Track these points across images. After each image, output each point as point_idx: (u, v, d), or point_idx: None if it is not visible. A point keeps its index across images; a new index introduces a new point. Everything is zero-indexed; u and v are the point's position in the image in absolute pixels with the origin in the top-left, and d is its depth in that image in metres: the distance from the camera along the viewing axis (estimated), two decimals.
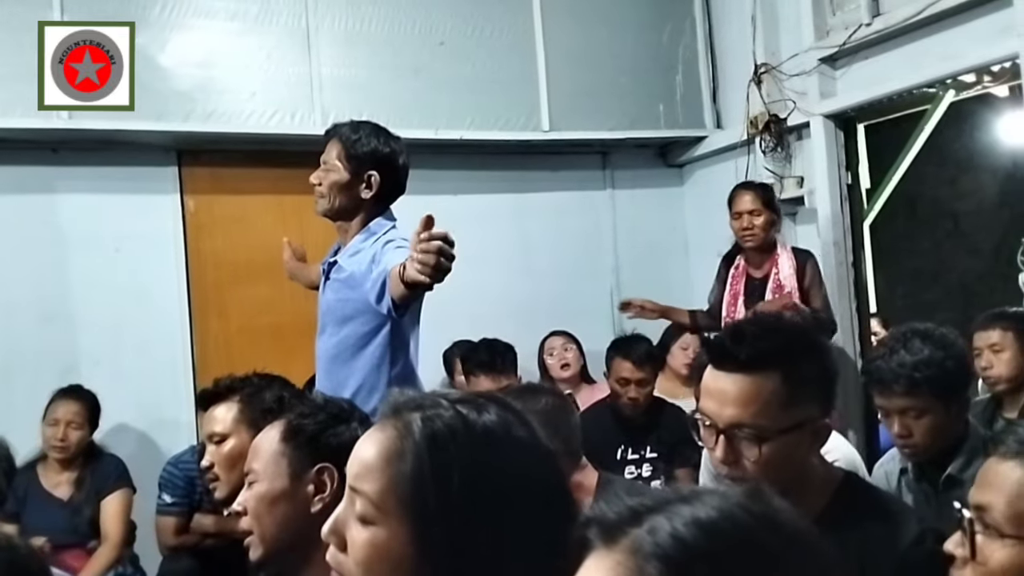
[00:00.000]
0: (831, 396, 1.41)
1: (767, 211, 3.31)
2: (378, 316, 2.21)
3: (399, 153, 2.35)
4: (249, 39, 3.65)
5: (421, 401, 0.95)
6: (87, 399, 3.22)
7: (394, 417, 0.94)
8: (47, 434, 3.16)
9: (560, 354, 3.82)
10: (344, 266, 2.32)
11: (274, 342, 3.84)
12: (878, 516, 1.38)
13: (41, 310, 3.54)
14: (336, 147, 2.32)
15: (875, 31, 3.33)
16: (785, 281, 3.28)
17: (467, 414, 0.92)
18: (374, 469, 0.92)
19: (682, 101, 4.29)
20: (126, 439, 3.57)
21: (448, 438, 0.90)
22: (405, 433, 0.91)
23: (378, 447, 0.93)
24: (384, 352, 2.28)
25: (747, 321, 1.46)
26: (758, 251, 3.36)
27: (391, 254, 2.15)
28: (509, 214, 4.21)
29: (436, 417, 0.92)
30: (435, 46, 3.89)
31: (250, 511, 1.43)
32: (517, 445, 0.93)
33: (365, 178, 2.29)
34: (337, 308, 2.34)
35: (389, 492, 0.90)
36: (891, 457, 2.11)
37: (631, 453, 3.29)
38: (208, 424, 1.92)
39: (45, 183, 3.57)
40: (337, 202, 2.31)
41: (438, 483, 0.88)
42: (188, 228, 3.78)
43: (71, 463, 3.18)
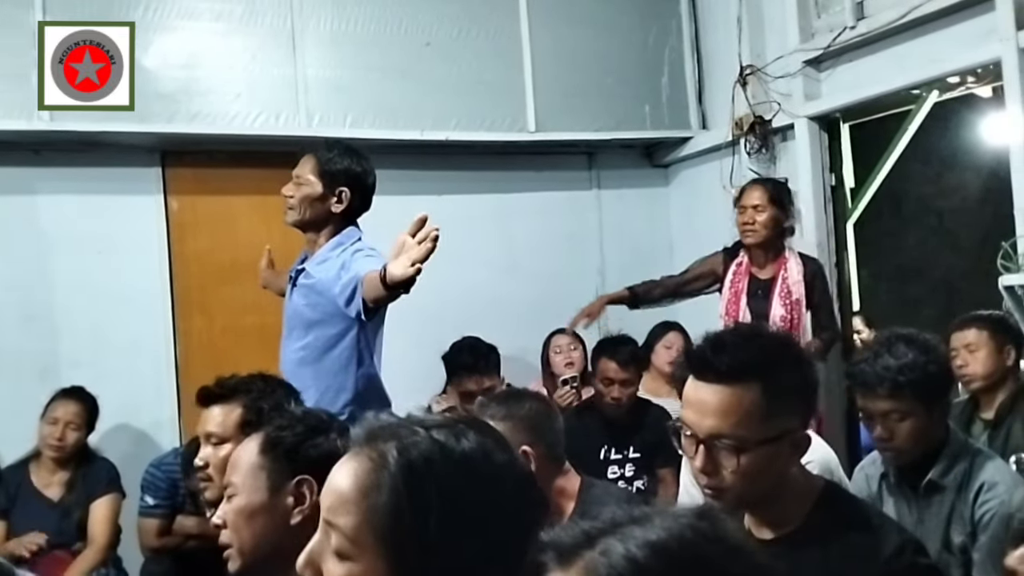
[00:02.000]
0: (811, 407, 1.42)
1: (772, 208, 3.21)
2: (345, 319, 2.31)
3: (369, 173, 2.49)
4: (234, 40, 3.63)
5: (397, 429, 0.92)
6: (87, 401, 3.24)
7: (368, 446, 0.91)
8: (45, 432, 3.15)
9: (566, 352, 3.81)
10: (312, 272, 2.43)
11: (258, 342, 3.82)
12: (859, 527, 1.38)
13: (23, 311, 3.52)
14: (310, 163, 2.45)
15: (859, 34, 3.35)
16: (794, 287, 3.20)
17: (445, 441, 0.90)
18: (349, 502, 0.89)
19: (668, 102, 4.30)
20: (108, 440, 3.54)
21: (425, 469, 0.87)
22: (381, 464, 0.89)
23: (353, 479, 0.90)
24: (351, 354, 2.38)
25: (728, 331, 1.46)
26: (763, 250, 3.25)
27: (361, 261, 2.26)
28: (494, 215, 4.21)
29: (412, 446, 0.89)
30: (421, 47, 3.88)
31: (229, 524, 1.42)
32: (496, 472, 0.91)
33: (336, 193, 2.43)
34: (305, 312, 2.44)
35: (365, 527, 0.88)
36: (871, 460, 2.13)
37: (614, 453, 3.30)
38: (206, 423, 1.90)
39: (27, 184, 3.54)
40: (308, 214, 2.45)
41: (416, 516, 0.86)
42: (172, 229, 3.76)
43: (65, 464, 3.19)
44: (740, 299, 3.30)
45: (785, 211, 3.25)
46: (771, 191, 3.25)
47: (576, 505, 1.91)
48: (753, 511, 1.43)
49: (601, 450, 3.28)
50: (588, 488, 1.97)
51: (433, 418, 0.95)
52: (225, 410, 1.88)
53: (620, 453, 3.29)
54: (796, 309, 3.20)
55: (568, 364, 3.79)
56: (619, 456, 3.29)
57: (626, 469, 3.28)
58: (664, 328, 3.94)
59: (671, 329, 3.94)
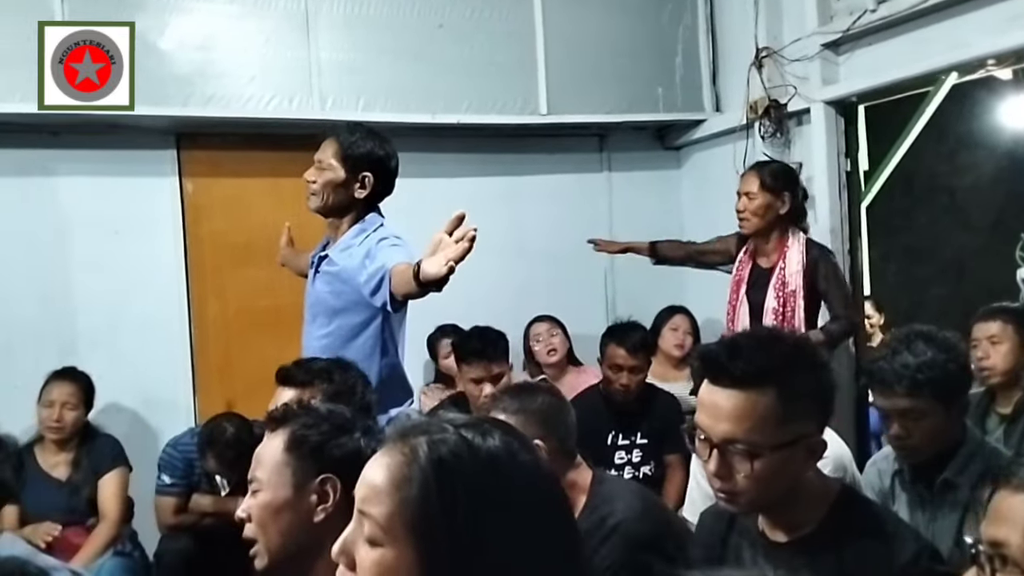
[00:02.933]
0: (827, 412, 1.41)
1: (765, 194, 3.08)
2: (369, 308, 2.30)
3: (392, 156, 2.45)
4: (248, 23, 3.62)
5: (427, 427, 0.97)
6: (81, 380, 3.25)
7: (401, 442, 0.96)
8: (43, 415, 3.19)
9: (547, 340, 3.83)
10: (335, 260, 2.40)
11: (272, 324, 3.86)
12: (875, 532, 1.38)
13: (41, 291, 3.56)
14: (332, 147, 2.41)
15: (880, 17, 3.29)
16: (790, 278, 3.06)
17: (472, 439, 0.94)
18: (381, 493, 0.94)
19: (681, 84, 4.26)
20: (124, 419, 3.60)
21: (454, 463, 0.92)
22: (412, 458, 0.93)
23: (385, 471, 0.95)
24: (375, 343, 2.37)
25: (744, 336, 1.46)
26: (764, 238, 3.15)
27: (387, 251, 2.23)
28: (504, 197, 4.20)
29: (442, 442, 0.94)
30: (434, 29, 3.85)
31: (254, 519, 1.44)
32: (521, 470, 0.95)
33: (360, 179, 2.39)
34: (328, 300, 2.41)
35: (396, 516, 0.92)
36: (884, 455, 2.12)
37: (621, 439, 3.31)
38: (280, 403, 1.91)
39: (46, 166, 3.57)
40: (331, 200, 2.42)
41: (444, 508, 0.90)
42: (187, 211, 3.78)
43: (67, 444, 3.22)
44: (740, 288, 3.24)
45: (779, 197, 3.10)
46: (763, 177, 3.12)
47: (588, 499, 1.92)
48: (767, 514, 1.44)
49: (608, 435, 3.29)
50: (600, 482, 1.98)
51: (461, 417, 0.99)
52: (303, 395, 1.89)
53: (627, 439, 3.30)
54: (790, 300, 3.07)
55: (551, 351, 3.81)
56: (626, 442, 3.30)
57: (633, 455, 3.30)
58: (670, 312, 3.95)
59: (677, 312, 3.94)
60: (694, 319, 3.96)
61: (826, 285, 3.08)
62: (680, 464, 3.22)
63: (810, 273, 3.07)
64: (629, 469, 3.28)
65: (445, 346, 3.77)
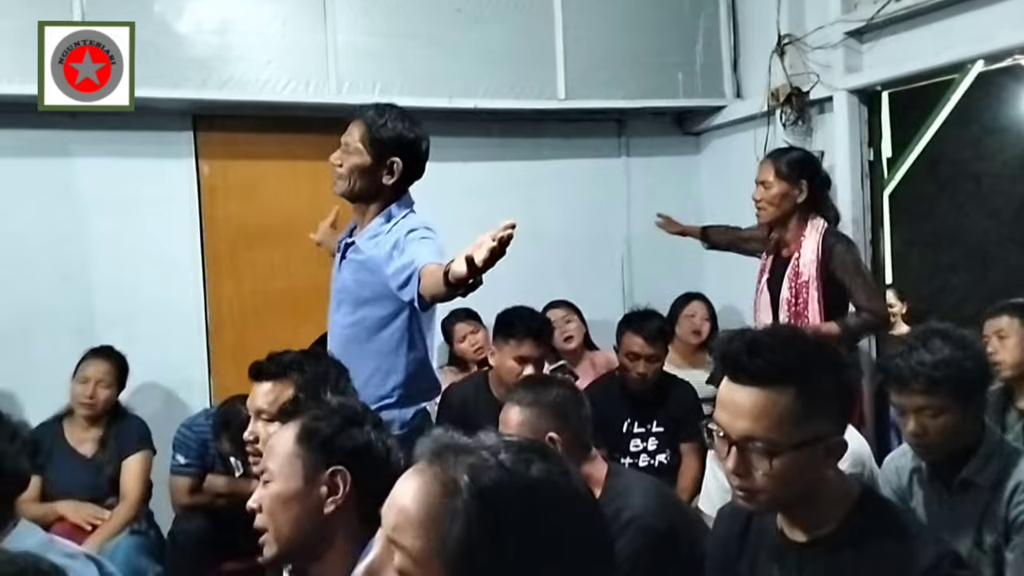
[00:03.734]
0: (848, 413, 1.40)
1: (780, 183, 3.00)
2: (396, 301, 2.22)
3: (422, 139, 2.33)
4: (265, 6, 3.59)
5: (464, 450, 0.91)
6: (117, 360, 3.29)
7: (437, 466, 0.90)
8: (76, 391, 3.22)
9: (562, 327, 3.80)
10: (362, 248, 2.32)
11: (286, 306, 3.88)
12: (895, 535, 1.36)
13: (59, 271, 3.57)
14: (360, 129, 2.29)
15: (905, 6, 3.25)
16: (804, 268, 2.99)
17: (514, 468, 0.88)
18: (416, 525, 0.88)
19: (702, 70, 4.22)
20: (140, 399, 3.61)
21: (497, 498, 0.86)
22: (452, 490, 0.87)
23: (422, 502, 0.89)
24: (402, 336, 2.29)
25: (764, 332, 1.43)
26: (783, 227, 3.07)
27: (416, 245, 2.14)
28: (521, 182, 4.18)
29: (483, 472, 0.88)
30: (452, 13, 3.82)
31: (264, 509, 1.45)
32: (564, 500, 0.90)
33: (387, 164, 2.28)
34: (354, 289, 2.34)
35: (433, 552, 0.87)
36: (902, 452, 2.10)
37: (637, 427, 3.30)
38: (257, 399, 1.93)
39: (64, 147, 3.57)
40: (357, 185, 2.31)
41: (490, 548, 0.85)
42: (203, 193, 3.78)
43: (97, 421, 3.25)
44: (761, 278, 3.19)
45: (796, 185, 3.00)
46: (778, 166, 3.04)
47: (603, 492, 1.92)
48: (786, 513, 1.43)
49: (624, 423, 3.28)
50: (615, 475, 1.97)
51: (499, 441, 0.93)
52: (277, 388, 1.91)
53: (643, 427, 3.29)
54: (803, 291, 2.99)
55: (567, 338, 3.79)
56: (642, 430, 3.29)
57: (649, 443, 3.29)
58: (686, 298, 3.93)
59: (693, 299, 3.92)
60: (711, 305, 3.94)
61: (845, 276, 2.96)
62: (695, 453, 3.21)
63: (826, 263, 2.96)
64: (644, 457, 3.28)
65: (460, 330, 3.77)
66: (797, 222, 3.05)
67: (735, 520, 1.56)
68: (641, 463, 3.25)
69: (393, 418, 2.25)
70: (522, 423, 1.92)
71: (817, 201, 3.09)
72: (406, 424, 2.31)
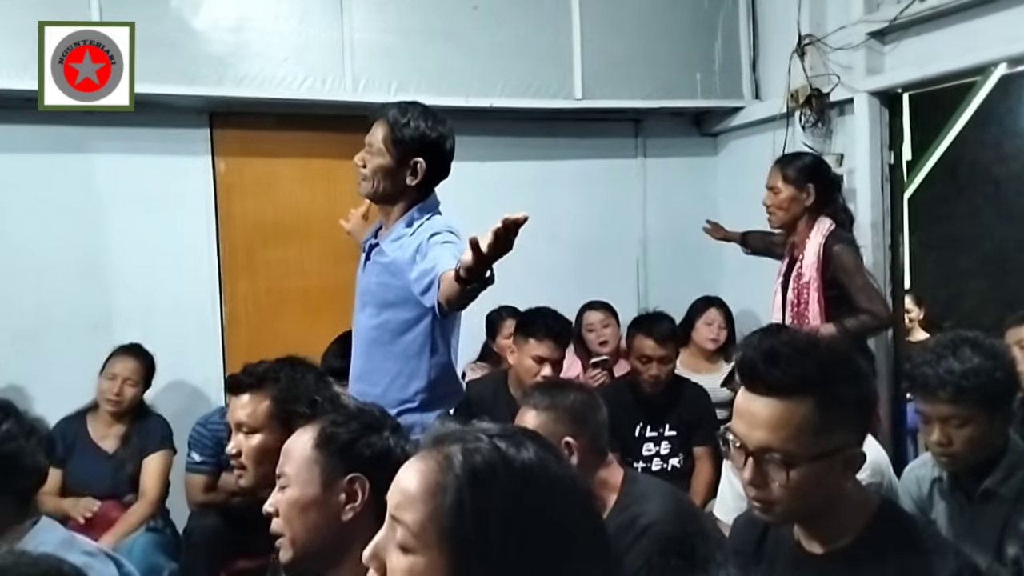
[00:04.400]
0: (867, 424, 1.38)
1: (788, 187, 3.04)
2: (420, 305, 2.20)
3: (446, 138, 2.30)
4: (282, 3, 3.59)
5: (462, 435, 0.97)
6: (145, 359, 3.32)
7: (435, 449, 0.97)
8: (103, 387, 3.24)
9: (599, 331, 3.79)
10: (386, 251, 2.30)
11: (301, 303, 3.89)
12: (914, 547, 1.35)
13: (75, 268, 3.59)
14: (382, 130, 2.26)
15: (929, 7, 3.20)
16: (805, 270, 3.01)
17: (506, 450, 0.94)
18: (415, 500, 0.94)
19: (720, 70, 4.18)
20: (155, 395, 3.62)
21: (488, 474, 0.92)
22: (446, 467, 0.94)
23: (419, 479, 0.95)
24: (425, 341, 2.27)
25: (782, 342, 1.41)
26: (794, 231, 3.09)
27: (438, 249, 2.11)
28: (537, 182, 4.16)
29: (476, 452, 0.94)
30: (468, 11, 3.81)
31: (282, 514, 1.44)
32: (554, 483, 0.95)
33: (410, 165, 2.25)
34: (378, 292, 2.33)
35: (429, 524, 0.93)
36: (923, 462, 2.08)
37: (650, 431, 3.28)
38: (236, 411, 1.93)
39: (80, 143, 3.58)
40: (381, 187, 2.28)
41: (477, 518, 0.91)
42: (219, 190, 3.78)
43: (121, 418, 3.27)
44: (776, 280, 3.21)
45: (803, 189, 3.03)
46: (785, 171, 3.08)
47: (619, 498, 1.90)
48: (804, 524, 1.41)
49: (636, 427, 3.27)
50: (631, 481, 1.95)
51: (494, 427, 0.99)
52: (254, 400, 1.90)
53: (656, 431, 3.27)
54: (804, 293, 3.02)
55: (602, 343, 3.77)
56: (655, 433, 3.27)
57: (662, 447, 3.27)
58: (705, 304, 3.90)
59: (712, 305, 3.89)
60: (728, 311, 3.91)
61: (844, 278, 2.96)
62: (709, 457, 3.19)
63: (826, 265, 2.97)
64: (657, 461, 3.26)
65: (508, 325, 3.69)
66: (806, 225, 3.06)
67: (751, 530, 1.54)
68: (654, 467, 3.24)
69: (415, 422, 2.24)
70: (538, 427, 1.90)
71: (826, 204, 3.09)
72: (427, 429, 2.30)
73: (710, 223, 3.81)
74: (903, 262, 3.70)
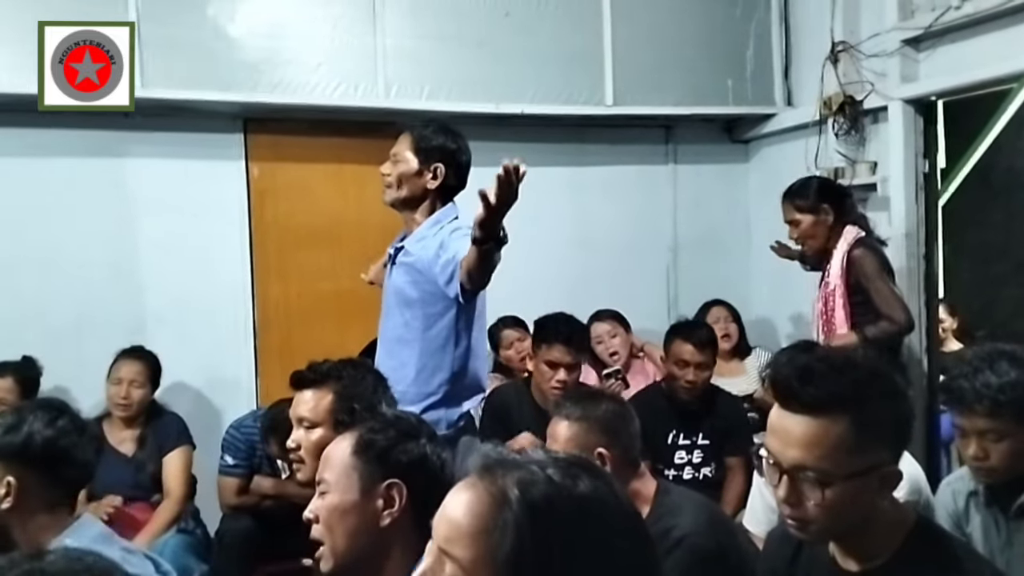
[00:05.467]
0: (904, 441, 1.36)
1: (805, 215, 3.14)
2: (445, 299, 2.32)
3: (463, 151, 2.49)
4: (315, 10, 3.64)
5: (515, 464, 0.94)
6: (149, 359, 3.33)
7: (486, 479, 0.93)
8: (111, 392, 3.28)
9: (607, 342, 3.78)
10: (411, 250, 2.43)
11: (332, 308, 3.92)
12: (951, 567, 1.33)
13: (112, 270, 3.64)
14: (407, 140, 2.46)
15: (965, 15, 3.16)
16: (831, 278, 3.11)
17: (562, 482, 0.91)
18: (467, 536, 0.91)
19: (752, 77, 4.17)
20: (188, 397, 3.68)
21: (547, 512, 0.89)
22: (502, 502, 0.90)
23: (472, 513, 0.92)
24: (449, 334, 2.38)
25: (817, 359, 1.40)
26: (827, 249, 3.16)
27: (459, 240, 2.24)
28: (568, 188, 4.17)
29: (532, 485, 0.91)
30: (500, 18, 3.82)
31: (322, 520, 1.46)
32: (611, 515, 0.92)
33: (432, 169, 2.43)
34: (404, 290, 2.43)
35: (483, 562, 0.90)
36: (959, 476, 2.06)
37: (682, 438, 3.26)
38: (298, 407, 1.97)
39: (118, 148, 3.64)
40: (405, 191, 2.45)
41: (538, 559, 0.87)
42: (252, 194, 3.83)
43: (134, 421, 3.30)
44: (816, 291, 3.26)
45: (819, 211, 3.13)
46: (795, 203, 3.17)
47: (652, 509, 1.90)
48: (839, 542, 1.40)
49: (669, 435, 3.24)
50: (664, 493, 1.95)
51: (546, 457, 0.96)
52: (317, 395, 1.93)
53: (688, 439, 3.25)
54: (830, 299, 3.10)
55: (612, 354, 3.76)
56: (687, 442, 3.25)
57: (694, 455, 3.24)
58: (706, 307, 3.91)
59: (713, 305, 3.90)
60: (732, 309, 3.90)
61: (865, 283, 3.03)
62: (741, 467, 3.17)
63: (849, 271, 3.05)
64: (689, 470, 3.23)
65: (507, 337, 3.77)
66: (835, 238, 3.15)
67: (785, 545, 1.53)
68: (686, 476, 3.21)
69: (439, 418, 2.34)
70: (571, 438, 1.91)
71: (845, 214, 3.17)
72: (452, 425, 2.39)
73: (778, 243, 3.72)
74: (937, 271, 3.65)
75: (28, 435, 1.78)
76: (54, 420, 1.81)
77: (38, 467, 1.77)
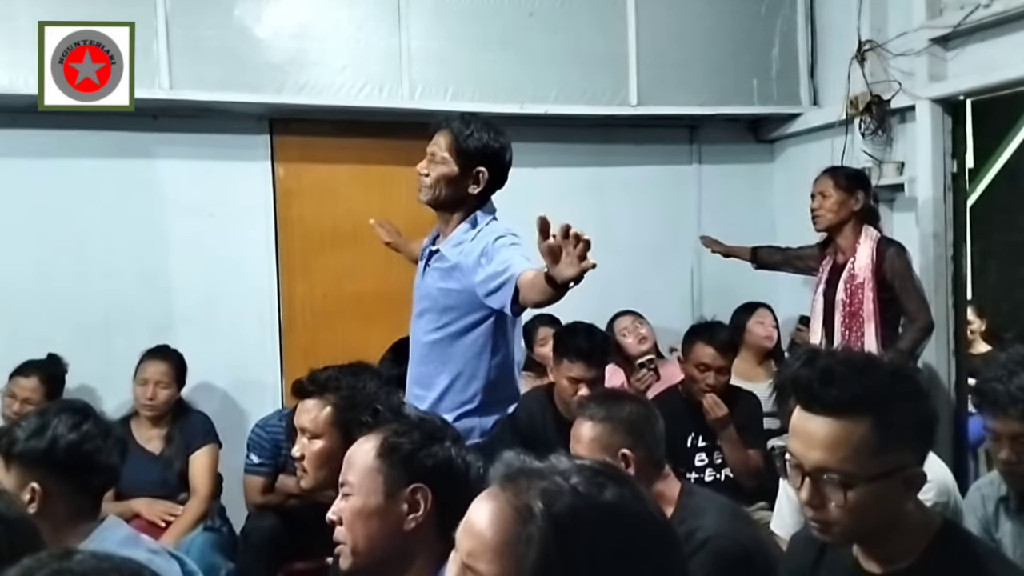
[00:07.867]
0: (928, 443, 1.35)
1: (839, 193, 3.25)
2: (482, 308, 2.24)
3: (507, 149, 2.36)
4: (340, 12, 3.66)
5: (539, 474, 0.93)
6: (174, 359, 3.36)
7: (509, 491, 0.92)
8: (137, 392, 3.31)
9: (635, 331, 3.75)
10: (447, 255, 2.34)
11: (356, 308, 3.94)
12: (977, 571, 1.32)
13: (140, 271, 3.69)
14: (446, 139, 2.31)
15: (994, 13, 3.13)
16: (859, 271, 3.18)
17: (587, 492, 0.90)
18: (492, 550, 0.90)
19: (777, 76, 4.14)
20: (214, 396, 3.72)
21: (572, 524, 0.88)
22: (527, 515, 0.89)
23: (496, 526, 0.91)
24: (486, 342, 2.31)
25: (839, 361, 1.39)
26: (839, 234, 3.28)
27: (506, 251, 2.16)
28: (592, 188, 4.17)
29: (557, 497, 0.90)
30: (524, 18, 3.83)
31: (345, 523, 1.46)
32: (637, 523, 0.92)
33: (474, 174, 2.31)
34: (439, 297, 2.35)
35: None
36: (989, 480, 2.04)
37: (702, 441, 3.22)
38: (300, 416, 1.99)
39: (145, 149, 3.68)
40: (443, 194, 2.33)
41: (564, 572, 0.87)
42: (278, 195, 3.86)
43: (161, 419, 3.33)
44: (819, 287, 3.36)
45: (853, 195, 3.25)
46: (836, 178, 3.28)
47: (675, 511, 1.89)
48: (863, 545, 1.39)
49: (688, 437, 3.21)
50: (688, 495, 1.94)
51: (571, 465, 0.95)
52: (317, 406, 1.95)
53: (708, 441, 3.22)
54: (858, 293, 3.19)
55: (641, 340, 3.73)
56: (706, 444, 3.22)
57: (714, 457, 3.22)
58: (752, 306, 3.86)
59: (759, 306, 3.86)
60: (772, 310, 3.87)
61: (897, 281, 3.15)
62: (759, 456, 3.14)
63: (880, 267, 3.15)
64: (710, 472, 3.21)
65: (542, 334, 3.74)
66: (852, 231, 3.27)
67: (809, 548, 1.52)
68: (707, 478, 3.19)
69: (474, 426, 2.28)
70: (594, 439, 1.91)
71: (870, 212, 3.32)
72: (486, 433, 2.33)
73: (705, 238, 3.92)
74: (965, 273, 3.61)
75: (52, 440, 1.75)
76: (78, 424, 1.78)
77: (62, 472, 1.74)
